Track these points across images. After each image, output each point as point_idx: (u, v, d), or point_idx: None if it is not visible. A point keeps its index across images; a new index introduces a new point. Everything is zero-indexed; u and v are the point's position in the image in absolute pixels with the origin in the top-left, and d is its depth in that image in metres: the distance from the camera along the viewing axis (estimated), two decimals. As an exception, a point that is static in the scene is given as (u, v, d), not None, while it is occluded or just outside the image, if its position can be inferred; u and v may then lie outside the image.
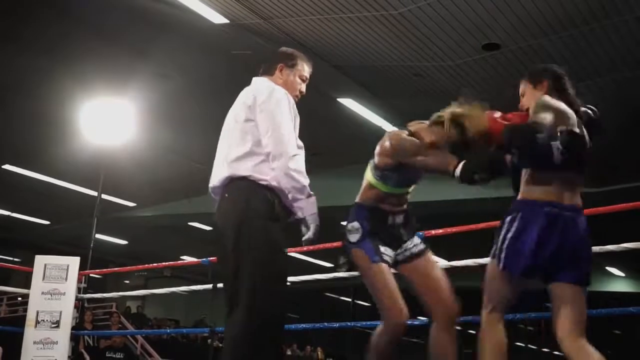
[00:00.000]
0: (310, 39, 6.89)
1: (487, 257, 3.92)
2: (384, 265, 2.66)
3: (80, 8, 6.77)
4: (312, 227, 2.42)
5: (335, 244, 4.45)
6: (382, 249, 2.69)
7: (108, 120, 6.87)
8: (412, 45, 6.88)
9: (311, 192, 2.41)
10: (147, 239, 16.06)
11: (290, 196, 2.37)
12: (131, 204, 13.54)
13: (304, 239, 2.43)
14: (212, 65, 7.85)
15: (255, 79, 2.67)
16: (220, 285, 2.56)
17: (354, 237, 2.71)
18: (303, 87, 2.70)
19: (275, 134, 2.38)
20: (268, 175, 2.37)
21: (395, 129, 2.82)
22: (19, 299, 12.07)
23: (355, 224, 2.72)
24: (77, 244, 13.65)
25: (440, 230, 4.03)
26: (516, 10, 6.01)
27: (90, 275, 6.47)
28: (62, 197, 12.94)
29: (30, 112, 9.24)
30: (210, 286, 5.14)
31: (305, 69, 2.70)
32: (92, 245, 6.43)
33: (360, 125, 8.91)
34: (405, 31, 6.57)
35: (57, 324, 5.41)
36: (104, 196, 6.92)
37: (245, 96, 2.55)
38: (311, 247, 4.70)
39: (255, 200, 2.35)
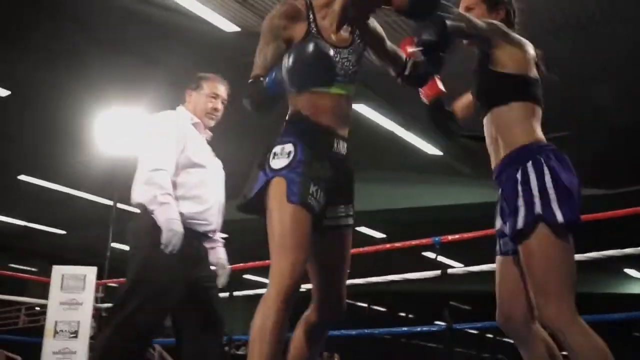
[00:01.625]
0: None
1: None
2: (304, 210, 1.88)
3: (96, 20, 6.82)
4: (165, 232, 2.52)
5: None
6: (313, 189, 1.91)
7: (122, 130, 6.91)
8: (424, 50, 6.85)
9: (164, 200, 2.56)
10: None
11: (147, 206, 2.63)
12: (146, 212, 13.58)
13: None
14: (224, 73, 7.86)
15: (177, 107, 2.93)
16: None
17: (278, 163, 1.93)
18: (216, 104, 2.89)
19: (143, 156, 2.74)
20: (140, 188, 2.72)
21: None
22: (37, 308, 12.13)
23: (288, 147, 1.94)
24: (93, 253, 13.72)
25: (457, 236, 4.01)
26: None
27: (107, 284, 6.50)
28: (77, 206, 13.02)
29: (45, 123, 9.32)
30: (226, 294, 5.17)
31: (214, 87, 2.89)
32: (108, 254, 6.46)
33: (372, 130, 8.89)
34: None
35: (75, 334, 5.45)
36: (119, 205, 6.95)
37: None
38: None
39: (138, 217, 2.78)
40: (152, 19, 6.75)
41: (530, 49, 2.07)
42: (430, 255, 13.88)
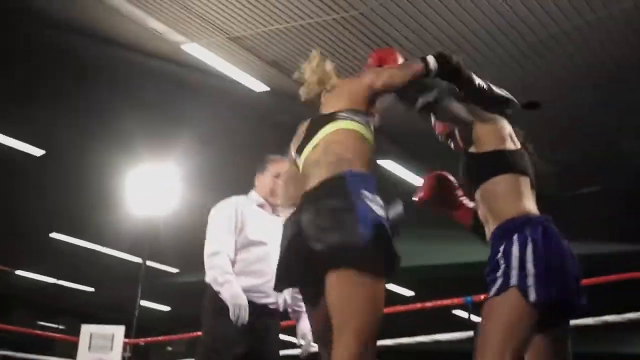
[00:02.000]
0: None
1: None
2: None
3: (128, 82, 7.00)
4: (231, 307, 2.72)
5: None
6: None
7: (152, 189, 6.99)
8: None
9: (224, 280, 2.79)
10: (190, 304, 16.04)
11: (214, 288, 2.84)
12: (174, 270, 13.62)
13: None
14: (254, 132, 7.98)
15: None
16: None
17: (381, 211, 1.79)
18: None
19: (205, 240, 2.98)
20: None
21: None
22: (64, 368, 12.08)
23: (375, 195, 1.83)
24: (121, 309, 13.74)
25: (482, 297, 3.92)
26: (556, 68, 6.00)
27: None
28: (106, 264, 13.10)
29: (77, 182, 9.49)
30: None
31: (279, 167, 2.97)
32: (136, 313, 6.45)
33: (401, 186, 8.88)
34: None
35: (102, 395, 5.39)
36: (148, 263, 6.98)
37: None
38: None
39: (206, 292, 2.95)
40: (184, 80, 6.92)
41: (505, 124, 2.08)
42: (460, 313, 13.62)
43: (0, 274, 14.47)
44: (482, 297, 3.78)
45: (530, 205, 1.99)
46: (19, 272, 14.59)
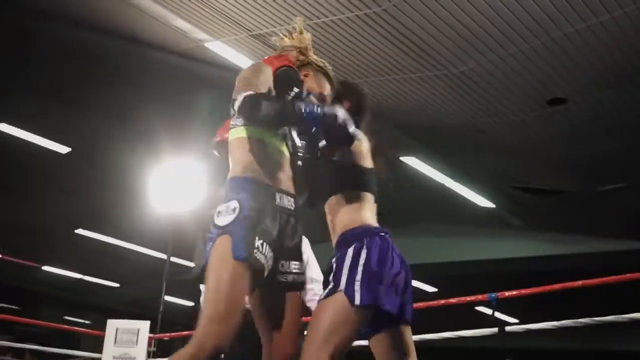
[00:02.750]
0: (371, 100, 6.96)
1: (566, 319, 3.80)
2: (248, 269, 1.82)
3: (151, 78, 7.07)
4: None
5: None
6: (258, 242, 1.86)
7: (175, 186, 7.05)
8: (474, 102, 6.87)
9: None
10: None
11: None
12: (198, 266, 13.72)
13: None
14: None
15: None
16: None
17: (223, 220, 1.88)
18: None
19: None
20: None
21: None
22: (89, 361, 12.25)
23: (233, 203, 1.91)
24: (145, 305, 13.90)
25: (514, 292, 3.91)
26: (581, 64, 5.94)
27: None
28: (131, 259, 13.25)
29: (103, 178, 9.61)
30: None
31: None
32: (161, 308, 6.51)
33: (424, 183, 8.86)
34: (466, 89, 6.57)
35: (127, 389, 5.46)
36: (172, 259, 7.04)
37: None
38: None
39: None
40: (207, 77, 6.95)
41: (366, 143, 2.23)
42: (483, 310, 13.55)
43: (28, 270, 14.71)
44: (507, 293, 3.77)
45: (370, 219, 2.14)
46: (45, 268, 14.81)
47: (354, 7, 5.40)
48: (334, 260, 2.06)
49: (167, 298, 6.72)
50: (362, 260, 1.98)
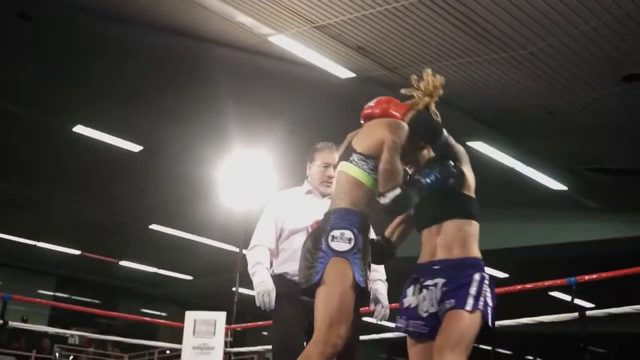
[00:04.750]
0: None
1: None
2: (360, 292, 2.22)
3: (218, 74, 7.19)
4: (255, 294, 2.91)
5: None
6: (366, 272, 2.25)
7: (245, 180, 7.16)
8: (544, 83, 6.69)
9: (253, 271, 2.97)
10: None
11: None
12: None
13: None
14: (340, 119, 8.01)
15: None
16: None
17: (342, 246, 2.19)
18: (329, 172, 3.10)
19: None
20: None
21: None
22: (167, 352, 12.64)
23: (348, 233, 2.20)
24: (218, 297, 14.20)
25: (594, 276, 3.80)
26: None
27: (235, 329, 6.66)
28: (204, 253, 13.57)
29: (174, 175, 9.87)
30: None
31: (326, 157, 3.13)
32: (236, 299, 6.64)
33: (493, 168, 8.70)
34: (536, 69, 6.41)
35: (208, 378, 5.60)
36: (244, 251, 7.16)
37: None
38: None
39: None
40: (272, 71, 7.03)
41: (471, 175, 2.44)
42: (557, 295, 13.20)
43: (107, 266, 15.30)
44: (586, 277, 3.68)
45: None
46: (122, 263, 15.36)
47: (417, -7, 5.34)
48: (471, 280, 2.25)
49: (242, 290, 6.85)
50: (490, 289, 2.26)
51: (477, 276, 2.23)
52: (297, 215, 3.07)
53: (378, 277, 3.13)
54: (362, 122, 2.50)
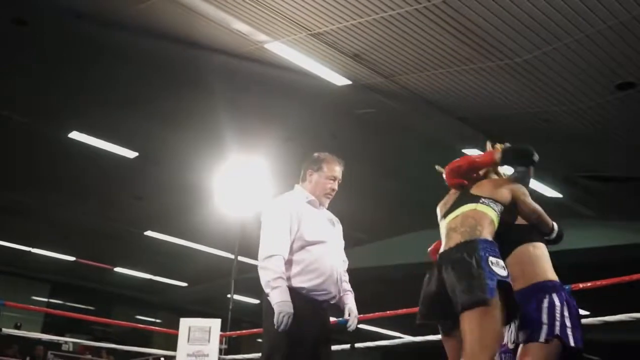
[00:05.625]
0: (433, 93, 6.91)
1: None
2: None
3: (214, 81, 7.19)
4: (276, 314, 2.79)
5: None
6: None
7: (241, 187, 7.15)
8: (539, 91, 6.71)
9: (275, 285, 2.84)
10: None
11: (265, 290, 2.91)
12: (263, 264, 13.90)
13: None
14: (336, 126, 8.04)
15: (295, 186, 3.22)
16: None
17: (501, 272, 2.37)
18: (334, 185, 3.14)
19: (260, 242, 3.00)
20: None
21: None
22: (162, 359, 12.58)
23: (500, 262, 2.42)
24: (212, 304, 14.16)
25: (589, 284, 3.81)
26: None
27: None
28: (199, 260, 13.53)
29: (170, 181, 9.85)
30: (347, 346, 5.15)
31: (333, 170, 3.14)
32: (231, 306, 6.62)
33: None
34: (531, 77, 6.43)
35: (202, 385, 5.57)
36: (239, 258, 7.16)
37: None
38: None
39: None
40: (268, 78, 7.04)
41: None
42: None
43: (102, 272, 15.25)
44: (581, 285, 3.67)
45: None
46: (117, 270, 15.31)
47: (413, 1, 5.36)
48: (544, 305, 2.44)
49: (236, 297, 6.83)
50: (566, 309, 2.43)
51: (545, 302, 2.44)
52: (313, 226, 3.02)
53: (348, 289, 3.15)
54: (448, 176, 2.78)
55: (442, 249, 2.54)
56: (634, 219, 9.89)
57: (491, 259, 2.37)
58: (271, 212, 3.09)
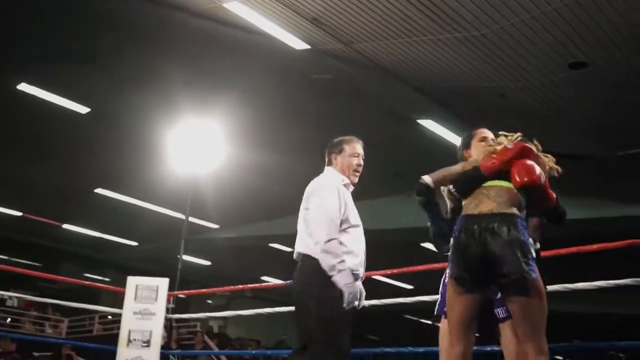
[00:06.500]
0: (391, 61, 6.92)
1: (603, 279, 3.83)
2: None
3: (170, 38, 7.06)
4: (346, 295, 2.92)
5: (419, 267, 4.42)
6: None
7: (194, 146, 7.09)
8: (495, 66, 6.80)
9: (342, 268, 2.95)
10: (229, 259, 16.41)
11: (327, 272, 2.96)
12: (215, 226, 13.89)
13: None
14: (292, 90, 8.00)
15: (325, 168, 3.31)
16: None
17: (533, 253, 2.59)
18: (359, 160, 3.28)
19: (316, 224, 3.05)
20: (316, 254, 3.00)
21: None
22: (109, 317, 12.52)
23: (533, 244, 2.64)
24: (163, 264, 14.10)
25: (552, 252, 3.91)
26: (604, 26, 5.84)
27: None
28: (149, 219, 13.41)
29: (122, 139, 9.69)
30: (292, 308, 5.19)
31: (354, 147, 3.28)
32: (179, 267, 6.61)
33: (442, 146, 8.82)
34: (488, 52, 6.50)
35: (147, 343, 5.57)
36: (190, 219, 7.12)
37: (309, 185, 3.21)
38: (395, 271, 4.72)
39: (309, 273, 3.02)
40: (226, 38, 6.93)
41: None
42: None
43: (49, 228, 14.97)
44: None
45: None
46: (66, 226, 15.06)
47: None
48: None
49: (186, 257, 6.81)
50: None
51: None
52: (353, 209, 3.17)
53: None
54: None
55: (478, 211, 2.68)
56: (586, 195, 10.17)
57: (530, 240, 2.61)
58: (324, 193, 3.14)
